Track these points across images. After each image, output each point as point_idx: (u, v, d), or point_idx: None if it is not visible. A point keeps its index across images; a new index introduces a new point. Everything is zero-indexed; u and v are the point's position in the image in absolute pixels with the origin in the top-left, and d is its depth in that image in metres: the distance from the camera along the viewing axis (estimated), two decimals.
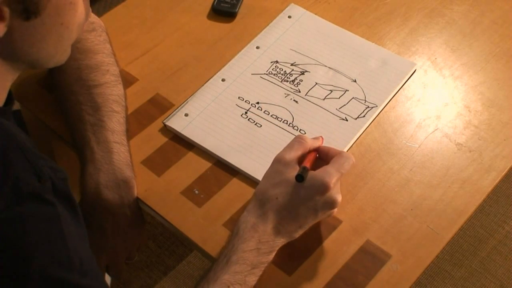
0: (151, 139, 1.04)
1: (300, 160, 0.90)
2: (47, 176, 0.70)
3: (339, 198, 0.88)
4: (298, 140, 0.91)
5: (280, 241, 0.86)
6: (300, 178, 0.85)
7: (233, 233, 0.87)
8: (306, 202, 0.86)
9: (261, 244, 0.85)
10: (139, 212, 0.99)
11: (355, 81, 1.10)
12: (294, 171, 0.87)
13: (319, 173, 0.86)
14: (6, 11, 0.68)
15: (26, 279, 0.67)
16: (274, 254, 0.86)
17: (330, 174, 0.86)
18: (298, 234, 0.88)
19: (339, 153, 0.90)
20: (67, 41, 0.78)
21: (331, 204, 0.87)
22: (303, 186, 0.86)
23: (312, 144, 0.92)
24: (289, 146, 0.91)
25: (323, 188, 0.85)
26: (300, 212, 0.86)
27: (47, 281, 0.68)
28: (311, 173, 0.86)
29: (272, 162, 0.90)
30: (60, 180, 0.72)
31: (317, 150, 0.93)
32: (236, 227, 0.87)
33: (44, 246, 0.68)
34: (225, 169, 1.00)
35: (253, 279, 0.84)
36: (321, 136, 0.97)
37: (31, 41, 0.73)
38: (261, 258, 0.85)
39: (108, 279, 1.13)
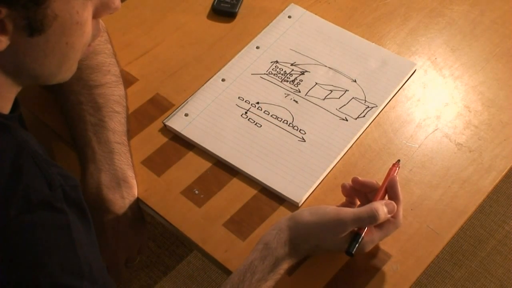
0: (151, 139, 1.04)
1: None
2: (58, 184, 0.70)
3: (367, 249, 0.87)
4: (370, 218, 0.85)
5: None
6: (351, 255, 0.84)
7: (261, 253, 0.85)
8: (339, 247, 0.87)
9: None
10: (140, 213, 0.99)
11: (355, 81, 1.10)
12: (347, 238, 0.85)
13: (365, 239, 0.85)
14: (10, 25, 0.67)
15: (36, 286, 0.67)
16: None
17: (373, 243, 0.86)
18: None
19: (394, 221, 0.87)
20: (72, 60, 0.77)
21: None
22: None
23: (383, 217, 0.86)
24: (359, 214, 0.85)
25: (362, 252, 0.87)
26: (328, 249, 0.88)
27: None
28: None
29: (331, 209, 0.86)
30: (71, 187, 0.72)
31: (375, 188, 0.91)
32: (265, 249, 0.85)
33: (54, 254, 0.69)
34: (225, 169, 1.00)
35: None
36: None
37: (34, 56, 0.72)
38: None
39: None
